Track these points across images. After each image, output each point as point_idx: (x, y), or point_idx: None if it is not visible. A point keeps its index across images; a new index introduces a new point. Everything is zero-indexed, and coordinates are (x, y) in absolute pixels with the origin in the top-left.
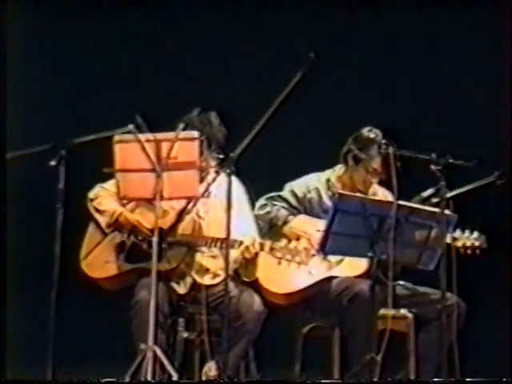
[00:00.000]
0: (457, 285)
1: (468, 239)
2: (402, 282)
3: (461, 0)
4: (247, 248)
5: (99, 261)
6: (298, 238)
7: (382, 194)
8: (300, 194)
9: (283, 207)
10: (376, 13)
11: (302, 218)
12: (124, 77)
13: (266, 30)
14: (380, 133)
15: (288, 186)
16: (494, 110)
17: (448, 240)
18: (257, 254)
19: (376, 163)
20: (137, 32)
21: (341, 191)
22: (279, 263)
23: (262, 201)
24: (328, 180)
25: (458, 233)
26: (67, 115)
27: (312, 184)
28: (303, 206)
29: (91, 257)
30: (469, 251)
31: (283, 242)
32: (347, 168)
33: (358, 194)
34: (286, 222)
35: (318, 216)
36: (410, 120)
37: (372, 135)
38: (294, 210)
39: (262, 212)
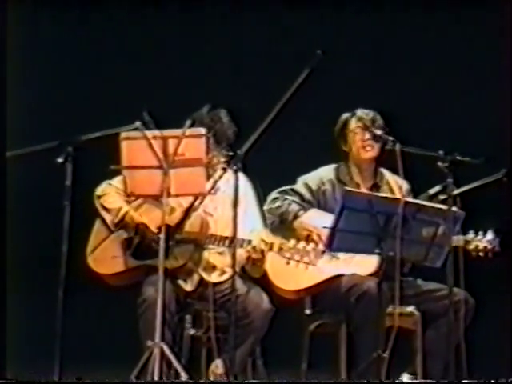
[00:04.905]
0: (464, 282)
1: (481, 242)
2: (410, 279)
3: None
4: (255, 248)
5: (106, 255)
6: (307, 236)
7: (393, 181)
8: (314, 187)
9: (295, 201)
10: (382, 12)
11: (313, 212)
12: (131, 73)
13: (274, 28)
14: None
15: (301, 179)
16: (501, 107)
17: (460, 243)
18: (264, 252)
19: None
20: (145, 29)
21: (348, 188)
22: (288, 263)
23: (273, 194)
24: (338, 170)
25: (470, 235)
26: (74, 112)
27: (326, 175)
28: (317, 200)
29: (98, 251)
30: (481, 253)
31: (292, 242)
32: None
33: (365, 191)
34: (296, 217)
35: (332, 208)
36: (417, 117)
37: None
38: (307, 204)
39: (272, 206)
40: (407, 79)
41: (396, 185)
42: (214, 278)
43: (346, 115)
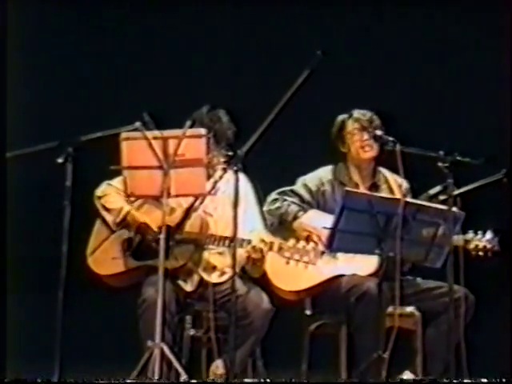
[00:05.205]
0: (464, 281)
1: (480, 241)
2: (409, 277)
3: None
4: (254, 248)
5: (106, 257)
6: (307, 237)
7: (392, 180)
8: (313, 188)
9: (294, 202)
10: (382, 12)
11: (313, 213)
12: (131, 74)
13: (274, 28)
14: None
15: (301, 180)
16: (501, 107)
17: (460, 243)
18: (264, 252)
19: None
20: (145, 29)
21: (348, 188)
22: (287, 263)
23: (273, 195)
24: (336, 170)
25: (470, 235)
26: (74, 112)
27: (325, 176)
28: (316, 200)
29: (98, 252)
30: (480, 253)
31: (291, 241)
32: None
33: (365, 191)
34: (295, 218)
35: (331, 209)
36: (417, 117)
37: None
38: (307, 205)
39: (272, 207)
40: (407, 79)
41: (395, 184)
42: (214, 278)
43: (342, 117)
